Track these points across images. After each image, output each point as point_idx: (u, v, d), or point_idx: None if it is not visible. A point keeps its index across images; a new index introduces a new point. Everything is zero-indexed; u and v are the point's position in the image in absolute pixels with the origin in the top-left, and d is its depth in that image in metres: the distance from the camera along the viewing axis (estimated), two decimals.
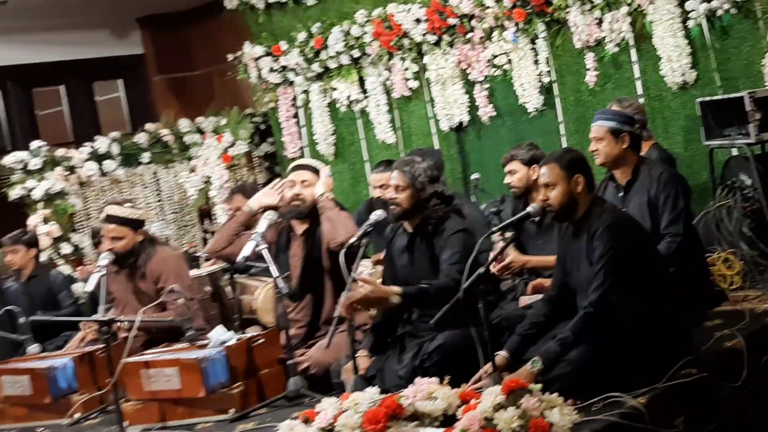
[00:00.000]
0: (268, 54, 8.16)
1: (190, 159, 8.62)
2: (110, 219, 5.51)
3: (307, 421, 3.67)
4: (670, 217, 4.46)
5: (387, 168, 5.79)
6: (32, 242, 7.05)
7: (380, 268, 5.44)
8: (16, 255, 6.77)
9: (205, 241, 8.73)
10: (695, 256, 4.59)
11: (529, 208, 4.08)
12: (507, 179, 5.16)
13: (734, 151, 5.60)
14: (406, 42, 7.28)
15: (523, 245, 5.06)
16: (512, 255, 4.84)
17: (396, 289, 4.22)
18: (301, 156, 8.30)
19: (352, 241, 4.54)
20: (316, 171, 5.18)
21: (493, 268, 4.65)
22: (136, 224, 5.49)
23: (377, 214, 4.55)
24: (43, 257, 7.50)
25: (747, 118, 5.17)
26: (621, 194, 4.61)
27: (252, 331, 5.28)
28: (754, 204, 5.19)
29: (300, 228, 5.16)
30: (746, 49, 5.75)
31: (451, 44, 7.09)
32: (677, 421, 3.60)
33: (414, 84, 7.40)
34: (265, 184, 8.10)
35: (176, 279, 5.38)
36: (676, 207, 4.46)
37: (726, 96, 5.36)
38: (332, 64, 7.78)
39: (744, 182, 5.30)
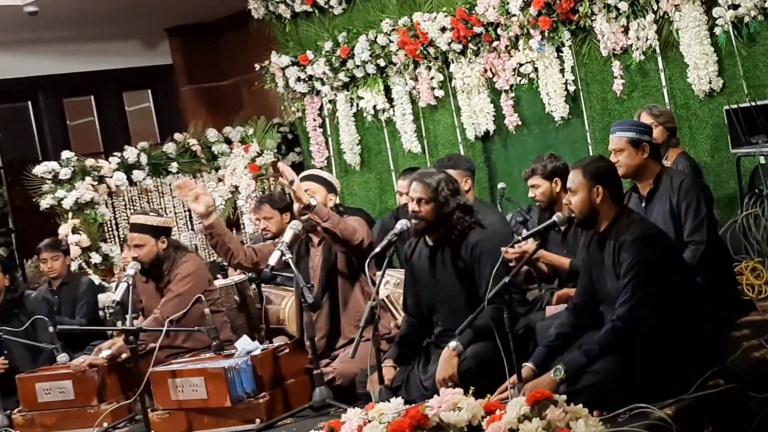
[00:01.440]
0: (294, 63, 8.19)
1: (217, 169, 8.68)
2: (133, 227, 5.56)
3: (332, 431, 3.67)
4: (693, 224, 4.41)
5: (414, 174, 5.80)
6: (68, 250, 7.17)
7: (399, 273, 5.45)
8: (57, 262, 6.86)
9: None
10: (722, 265, 4.54)
11: (555, 217, 4.08)
12: (530, 193, 5.15)
13: (762, 159, 5.54)
14: (431, 51, 7.29)
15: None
16: (528, 243, 4.80)
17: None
18: (328, 166, 8.34)
19: (376, 251, 4.53)
20: (323, 181, 5.16)
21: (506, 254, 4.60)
22: (157, 231, 5.50)
23: (402, 224, 4.53)
24: (73, 266, 7.59)
25: None
26: (643, 204, 4.58)
27: (278, 341, 5.30)
28: None
29: (317, 238, 5.17)
30: None
31: (476, 53, 7.08)
32: None
33: (440, 93, 7.39)
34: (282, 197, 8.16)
35: (187, 281, 5.38)
36: (698, 214, 4.41)
37: (753, 103, 5.31)
38: (358, 74, 7.79)
39: None
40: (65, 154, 8.08)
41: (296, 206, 5.11)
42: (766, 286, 4.91)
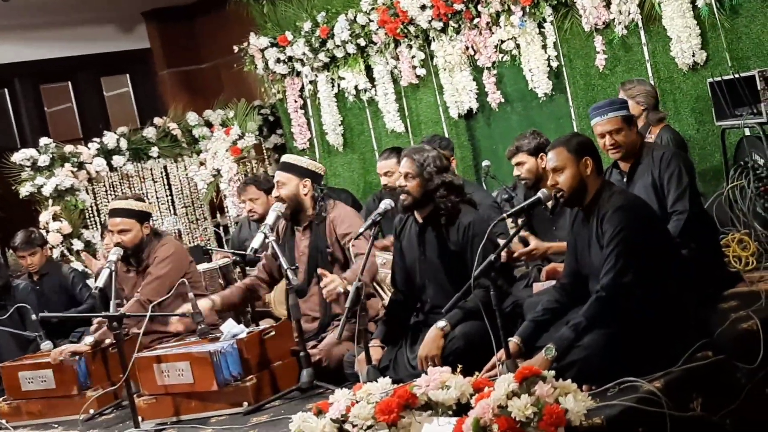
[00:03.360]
0: (273, 45, 8.12)
1: (199, 152, 8.61)
2: (115, 212, 5.48)
3: (320, 412, 3.63)
4: (676, 194, 4.40)
5: (392, 155, 5.78)
6: (45, 241, 7.09)
7: (386, 254, 5.42)
8: (35, 257, 6.79)
9: (216, 234, 8.72)
10: (709, 237, 4.53)
11: (540, 194, 4.02)
12: (516, 171, 5.10)
13: (746, 131, 5.53)
14: (412, 29, 7.23)
15: (536, 232, 5.01)
16: (534, 242, 4.77)
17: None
18: (311, 147, 8.29)
19: (360, 231, 4.50)
20: (293, 168, 5.07)
21: (516, 254, 4.60)
22: (141, 216, 5.45)
23: (386, 203, 4.51)
24: (55, 254, 7.52)
25: (758, 97, 5.09)
26: (625, 180, 4.56)
27: (264, 324, 5.26)
28: (767, 184, 5.12)
29: (303, 223, 5.12)
30: (756, 28, 5.67)
31: (457, 30, 7.03)
32: (694, 404, 3.55)
33: (421, 71, 7.34)
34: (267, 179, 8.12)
35: (167, 263, 5.34)
36: (680, 184, 4.40)
37: (737, 75, 5.28)
38: (339, 54, 7.73)
39: (757, 162, 5.23)
40: (43, 140, 8.00)
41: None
42: (752, 258, 4.90)
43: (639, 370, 3.55)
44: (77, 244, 7.74)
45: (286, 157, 5.32)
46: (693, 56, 5.91)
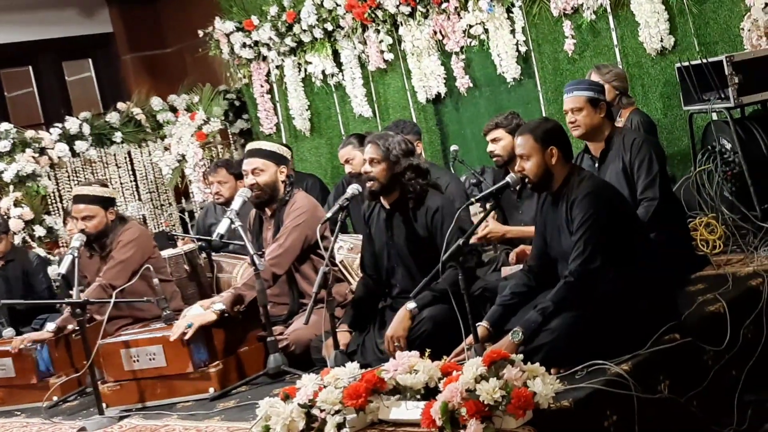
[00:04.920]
0: (239, 29, 8.03)
1: (163, 138, 8.50)
2: (79, 199, 5.39)
3: (287, 398, 3.61)
4: (646, 181, 4.43)
5: (350, 142, 5.74)
6: (7, 228, 6.96)
7: (354, 239, 5.39)
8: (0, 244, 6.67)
9: (181, 220, 8.63)
10: (677, 221, 4.55)
11: (508, 178, 4.02)
12: (490, 147, 5.07)
13: (714, 116, 5.55)
14: (379, 13, 7.17)
15: (504, 215, 5.01)
16: (491, 225, 4.78)
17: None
18: (278, 132, 8.22)
19: (327, 216, 4.46)
20: (271, 155, 4.98)
21: (472, 239, 4.57)
22: (106, 202, 5.37)
23: (353, 188, 4.48)
24: (17, 240, 7.39)
25: (726, 82, 5.11)
26: (596, 165, 4.57)
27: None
28: (734, 168, 5.15)
29: (269, 210, 5.07)
30: (724, 13, 5.69)
31: (425, 15, 6.99)
32: (661, 386, 3.58)
33: (389, 56, 7.30)
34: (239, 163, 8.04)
35: (130, 247, 5.26)
36: (651, 171, 4.43)
37: (705, 60, 5.29)
38: (305, 38, 7.66)
39: (724, 146, 5.26)
40: (4, 125, 7.87)
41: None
42: (719, 241, 4.93)
43: (607, 353, 3.55)
44: (39, 231, 7.61)
45: (261, 144, 5.15)
46: (661, 41, 5.92)
